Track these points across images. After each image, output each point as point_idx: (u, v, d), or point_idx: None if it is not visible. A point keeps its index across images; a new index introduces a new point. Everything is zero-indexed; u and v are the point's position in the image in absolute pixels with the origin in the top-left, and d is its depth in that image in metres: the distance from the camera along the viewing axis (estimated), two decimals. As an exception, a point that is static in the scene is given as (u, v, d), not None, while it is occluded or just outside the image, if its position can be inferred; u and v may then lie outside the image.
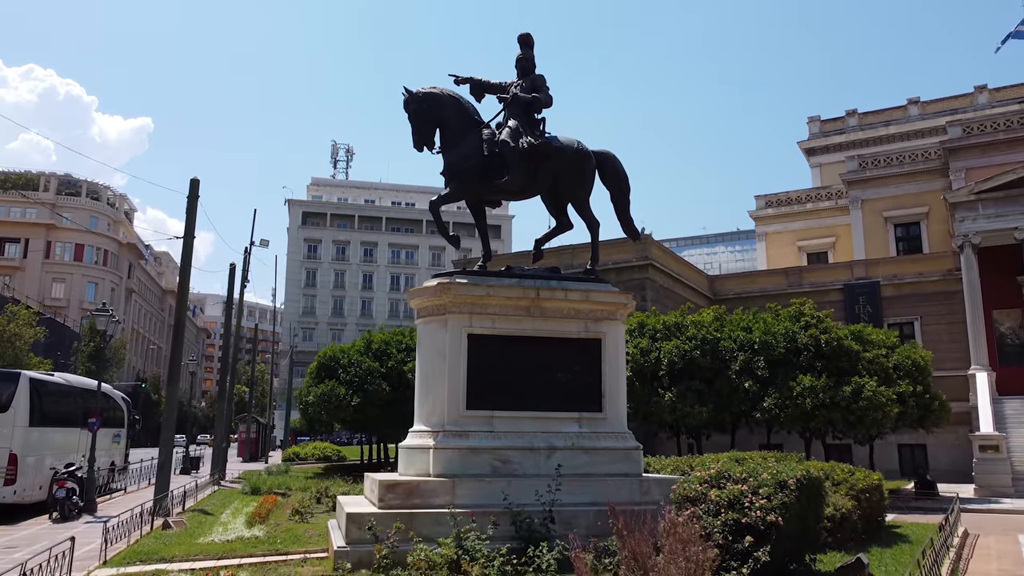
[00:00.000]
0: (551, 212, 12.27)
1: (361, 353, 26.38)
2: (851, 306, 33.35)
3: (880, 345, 20.84)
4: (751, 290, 36.12)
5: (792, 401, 19.59)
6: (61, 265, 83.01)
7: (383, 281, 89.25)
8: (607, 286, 11.44)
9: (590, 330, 11.05)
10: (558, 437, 10.51)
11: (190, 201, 18.83)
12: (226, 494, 21.09)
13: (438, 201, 11.39)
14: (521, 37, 12.33)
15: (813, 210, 42.05)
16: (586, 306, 11.04)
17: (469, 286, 10.60)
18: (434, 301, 10.80)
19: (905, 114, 43.98)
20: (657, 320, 22.34)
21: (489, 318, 10.69)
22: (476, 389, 10.42)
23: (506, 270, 11.43)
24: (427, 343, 10.92)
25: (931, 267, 32.67)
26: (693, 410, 20.34)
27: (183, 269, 18.22)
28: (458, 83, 12.15)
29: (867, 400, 18.96)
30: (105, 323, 18.62)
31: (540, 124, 11.86)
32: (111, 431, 25.18)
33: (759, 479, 7.79)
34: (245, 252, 30.16)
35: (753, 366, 20.56)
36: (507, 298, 10.73)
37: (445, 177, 11.61)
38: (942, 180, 35.50)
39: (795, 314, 21.44)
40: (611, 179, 12.23)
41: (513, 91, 11.88)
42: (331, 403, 25.54)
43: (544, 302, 10.84)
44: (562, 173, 11.62)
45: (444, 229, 11.53)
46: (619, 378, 11.13)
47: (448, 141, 11.43)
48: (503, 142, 11.24)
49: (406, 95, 11.42)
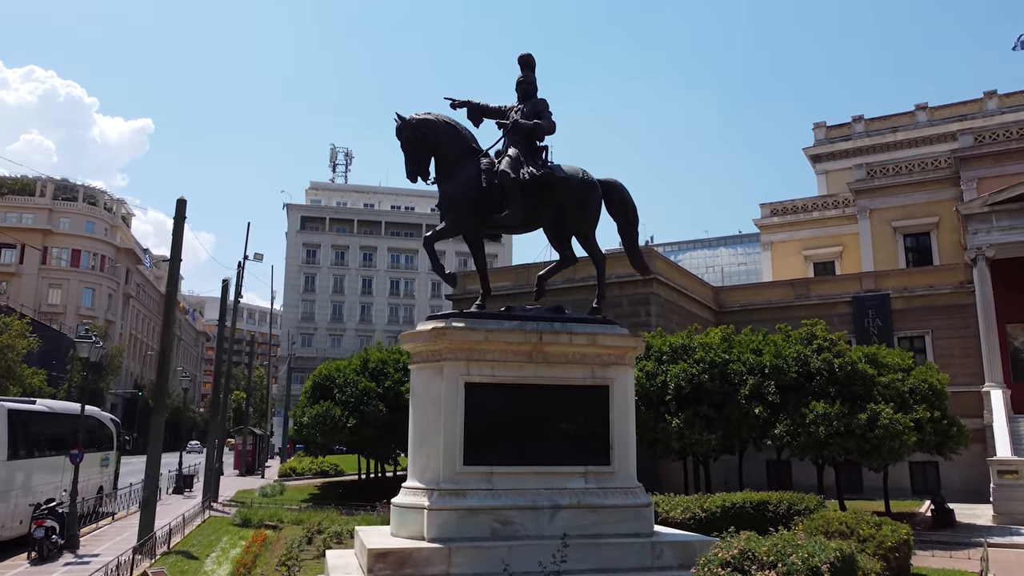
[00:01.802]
0: (554, 246, 11.46)
1: (357, 372, 25.61)
2: (860, 319, 32.56)
3: (895, 368, 20.03)
4: (757, 302, 35.32)
5: (804, 428, 18.79)
6: (58, 271, 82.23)
7: (382, 286, 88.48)
8: (615, 328, 10.63)
9: (597, 376, 10.25)
10: (563, 494, 9.71)
11: (176, 222, 18.02)
12: (216, 525, 20.27)
13: (432, 237, 10.59)
14: (522, 58, 11.52)
15: (820, 219, 41.24)
16: (592, 350, 10.24)
17: (466, 331, 9.80)
18: (428, 347, 10.00)
19: (913, 120, 43.18)
20: (663, 341, 21.54)
21: (488, 365, 9.89)
22: (474, 443, 9.62)
23: (506, 310, 10.62)
24: (421, 392, 10.12)
25: (942, 279, 31.86)
26: (702, 437, 19.55)
27: (168, 293, 17.42)
28: (454, 107, 11.36)
29: (883, 428, 18.15)
30: (88, 350, 17.82)
31: (542, 152, 11.06)
32: (98, 455, 24.43)
33: (788, 563, 6.98)
34: (238, 266, 29.39)
35: (763, 391, 19.77)
36: (507, 343, 9.93)
37: (441, 210, 10.83)
38: (953, 189, 34.69)
39: (807, 336, 20.63)
40: (618, 210, 11.43)
41: (513, 117, 11.08)
42: (326, 424, 24.77)
43: (547, 347, 10.04)
44: (566, 205, 10.82)
45: (439, 267, 10.72)
46: (628, 428, 10.33)
47: (444, 171, 10.65)
48: (503, 173, 10.43)
49: (398, 121, 10.63)
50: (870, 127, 44.48)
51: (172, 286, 17.31)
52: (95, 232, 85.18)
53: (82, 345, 17.81)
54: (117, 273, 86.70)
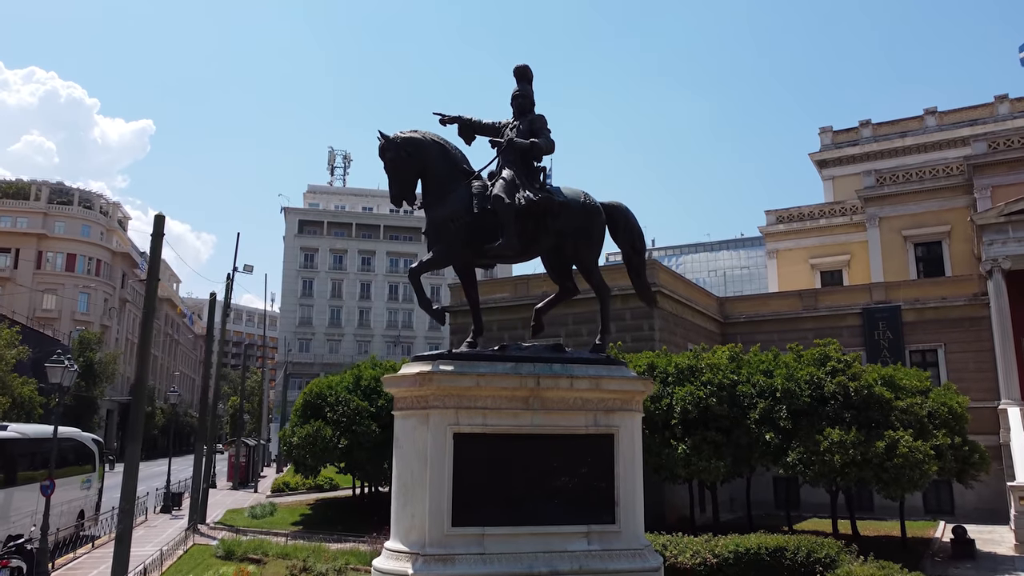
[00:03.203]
0: (552, 276, 10.46)
1: (350, 390, 24.62)
2: (870, 331, 31.55)
3: (914, 392, 19.01)
4: (763, 313, 34.31)
5: (819, 456, 17.77)
6: (52, 275, 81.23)
7: (381, 290, 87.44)
8: (621, 369, 9.63)
9: (600, 424, 9.25)
10: (563, 558, 8.71)
11: (154, 239, 17.08)
12: (198, 557, 19.24)
13: (418, 269, 9.56)
14: (518, 70, 10.49)
15: (827, 226, 40.18)
16: (596, 395, 9.24)
17: (455, 376, 8.80)
18: (413, 392, 9.00)
19: (922, 125, 42.13)
20: (668, 361, 20.54)
21: (479, 413, 8.89)
22: (464, 501, 8.63)
23: (500, 350, 9.60)
24: (406, 443, 9.11)
25: (956, 291, 30.84)
26: (710, 465, 18.55)
27: (146, 315, 16.40)
28: (444, 123, 10.36)
29: (902, 457, 17.13)
30: (59, 375, 16.82)
31: (540, 174, 10.06)
32: (78, 478, 23.47)
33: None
34: (227, 279, 28.39)
35: (775, 415, 18.76)
36: (501, 388, 8.93)
37: (428, 237, 9.82)
38: (965, 197, 33.67)
39: (820, 357, 19.60)
40: (624, 236, 10.43)
41: (508, 134, 10.08)
42: (317, 445, 23.77)
43: (545, 392, 9.04)
44: (567, 232, 9.82)
45: (426, 301, 9.66)
46: (635, 482, 9.32)
47: (432, 195, 9.65)
48: (496, 198, 9.43)
49: (381, 140, 9.64)
50: (878, 132, 43.43)
51: (149, 309, 16.28)
52: (90, 236, 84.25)
53: (54, 370, 16.82)
54: (113, 277, 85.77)
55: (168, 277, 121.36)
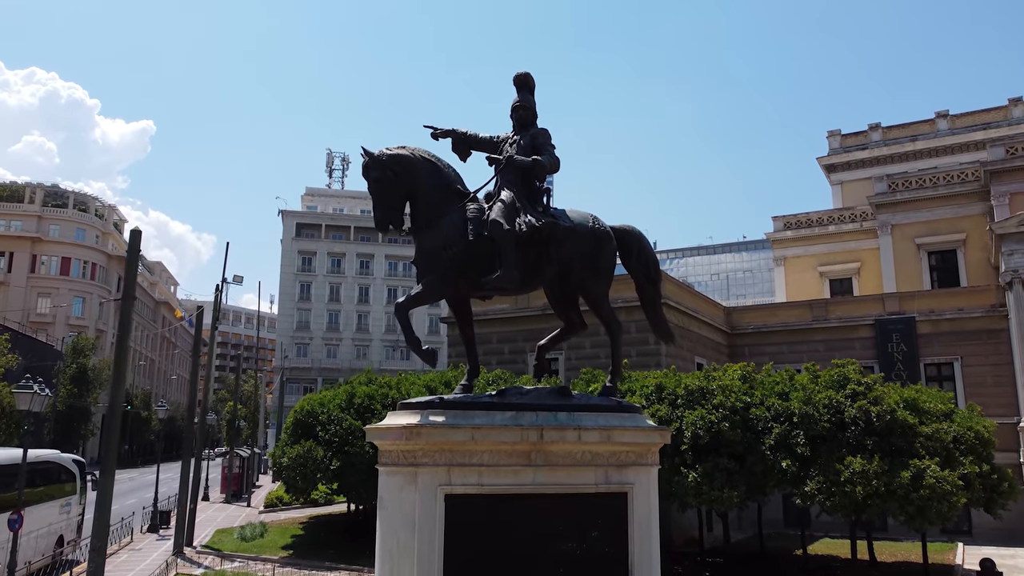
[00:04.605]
0: (556, 308, 9.34)
1: (342, 409, 23.52)
2: (883, 344, 30.45)
3: (938, 416, 17.92)
4: (772, 323, 33.20)
5: (839, 487, 16.68)
6: (47, 279, 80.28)
7: (380, 294, 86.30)
8: (635, 417, 8.54)
9: (612, 481, 8.16)
10: (570, 638, 7.62)
11: (130, 254, 16.08)
12: (178, 589, 18.15)
13: (406, 304, 8.47)
14: (518, 78, 9.36)
15: (836, 233, 39.09)
16: (607, 448, 8.15)
17: (447, 429, 7.70)
18: (399, 447, 7.90)
19: (934, 128, 41.02)
20: (677, 382, 19.45)
21: (475, 471, 7.79)
22: (457, 571, 7.54)
23: (498, 395, 8.49)
24: (391, 504, 8.00)
25: (972, 302, 29.75)
26: (723, 494, 17.45)
27: (119, 340, 15.32)
28: (436, 137, 9.26)
29: (929, 489, 16.04)
30: (29, 401, 15.73)
31: (543, 195, 8.97)
32: (57, 502, 22.41)
33: None
34: (216, 289, 27.36)
35: (791, 441, 17.67)
36: (500, 442, 7.82)
37: (417, 268, 8.74)
38: (981, 204, 32.58)
39: (839, 379, 18.49)
40: (637, 264, 9.32)
41: (507, 150, 8.98)
42: (307, 467, 22.70)
43: (550, 446, 7.95)
44: (573, 261, 8.72)
45: (414, 340, 8.54)
46: (651, 545, 8.24)
47: (422, 219, 8.55)
48: (494, 223, 8.33)
49: (365, 158, 8.56)
50: (887, 136, 42.33)
51: (124, 331, 15.20)
52: (86, 239, 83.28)
53: (22, 397, 15.72)
54: (108, 281, 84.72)
55: (166, 280, 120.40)
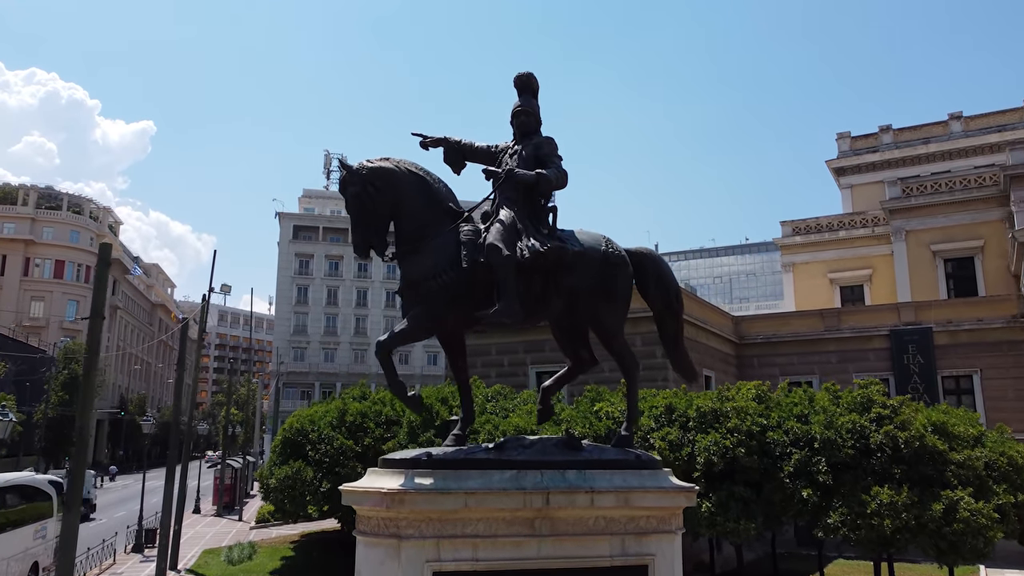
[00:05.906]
0: (562, 344, 8.11)
1: (333, 427, 22.31)
2: (899, 356, 29.23)
3: (969, 442, 16.71)
4: (782, 333, 31.99)
5: (866, 520, 15.46)
6: (40, 283, 79.14)
7: (378, 298, 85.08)
8: (657, 475, 7.30)
9: (630, 553, 6.94)
10: None
11: (99, 268, 14.87)
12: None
13: (389, 342, 7.21)
14: (519, 80, 8.07)
15: (846, 238, 37.89)
16: (624, 513, 6.94)
17: (435, 495, 6.49)
18: (379, 514, 6.70)
19: (947, 130, 39.79)
20: (688, 403, 18.23)
21: (468, 543, 6.59)
22: (447, 665, 6.34)
23: (496, 449, 7.25)
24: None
25: (992, 312, 28.54)
26: (738, 526, 16.25)
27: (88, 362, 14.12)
28: (426, 146, 8.03)
29: (963, 523, 14.83)
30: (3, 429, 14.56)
31: (548, 215, 7.74)
32: (32, 527, 21.20)
33: None
34: (203, 299, 26.14)
35: (812, 468, 16.45)
36: (498, 509, 6.62)
37: (402, 298, 7.54)
38: (1000, 210, 31.37)
39: (863, 401, 17.26)
40: (656, 292, 8.05)
41: (507, 162, 7.75)
42: (296, 488, 21.52)
43: (557, 512, 6.73)
44: (582, 290, 7.49)
45: (399, 385, 7.27)
46: (676, 627, 7.03)
47: (408, 243, 7.30)
48: (491, 248, 7.09)
49: (343, 172, 7.37)
50: (899, 138, 41.11)
51: (93, 350, 14.01)
52: (80, 242, 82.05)
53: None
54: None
55: (162, 283, 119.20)
